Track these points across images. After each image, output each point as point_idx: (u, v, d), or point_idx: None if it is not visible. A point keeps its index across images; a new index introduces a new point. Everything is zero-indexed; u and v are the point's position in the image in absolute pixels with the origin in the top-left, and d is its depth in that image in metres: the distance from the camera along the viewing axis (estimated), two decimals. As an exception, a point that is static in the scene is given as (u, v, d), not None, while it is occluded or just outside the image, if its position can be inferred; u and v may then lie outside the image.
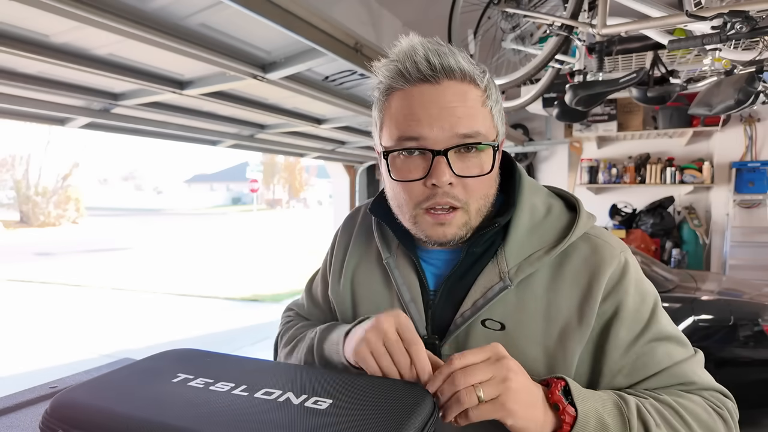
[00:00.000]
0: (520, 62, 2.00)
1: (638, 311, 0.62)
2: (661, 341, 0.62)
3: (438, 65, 0.58)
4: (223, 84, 2.12)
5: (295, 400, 0.46)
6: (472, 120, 0.59)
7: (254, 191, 19.92)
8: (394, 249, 0.72)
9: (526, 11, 1.75)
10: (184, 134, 3.17)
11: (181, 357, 0.60)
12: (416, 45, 0.59)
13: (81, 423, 0.45)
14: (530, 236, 0.65)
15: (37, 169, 25.37)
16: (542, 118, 4.83)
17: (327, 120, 3.24)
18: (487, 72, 0.63)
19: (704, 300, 2.56)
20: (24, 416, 0.66)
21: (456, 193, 0.60)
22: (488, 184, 0.63)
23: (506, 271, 0.63)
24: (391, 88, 0.62)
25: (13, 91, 2.11)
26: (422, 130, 0.58)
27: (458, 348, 0.64)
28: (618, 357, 0.61)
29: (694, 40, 1.30)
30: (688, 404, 0.58)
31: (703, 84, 1.92)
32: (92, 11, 1.29)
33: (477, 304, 0.63)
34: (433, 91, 0.59)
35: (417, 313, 0.67)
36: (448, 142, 0.58)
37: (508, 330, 0.62)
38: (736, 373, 2.39)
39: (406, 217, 0.65)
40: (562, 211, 0.68)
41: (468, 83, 0.60)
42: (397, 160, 0.62)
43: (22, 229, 21.62)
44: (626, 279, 0.62)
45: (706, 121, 4.08)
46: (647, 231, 4.39)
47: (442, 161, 0.58)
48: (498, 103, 0.64)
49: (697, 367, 0.63)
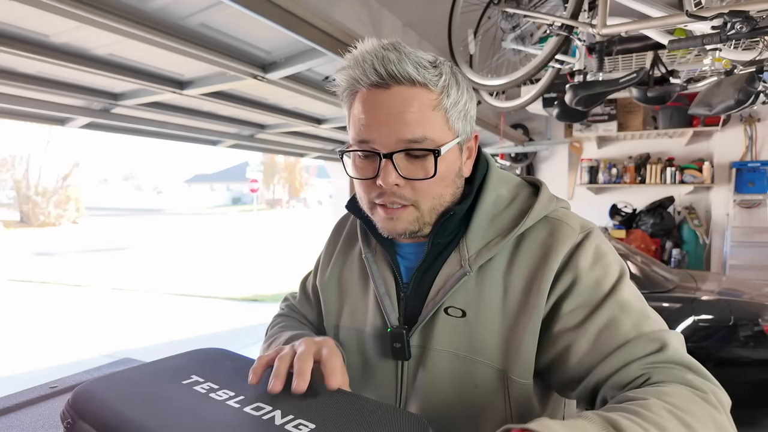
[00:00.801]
0: (520, 62, 2.00)
1: (597, 284, 0.60)
2: (625, 314, 0.58)
3: (384, 73, 0.60)
4: (223, 84, 2.12)
5: (279, 419, 0.46)
6: (418, 126, 0.60)
7: (254, 191, 19.92)
8: (373, 245, 0.75)
9: (526, 11, 1.75)
10: (184, 134, 3.17)
11: (206, 358, 0.63)
12: (365, 53, 0.61)
13: (88, 416, 0.48)
14: (491, 224, 0.67)
15: (37, 169, 25.38)
16: (542, 118, 4.83)
17: (327, 120, 3.24)
18: (447, 73, 0.63)
19: (704, 300, 2.56)
20: (24, 416, 0.66)
21: (404, 193, 0.63)
22: (440, 185, 0.64)
23: (467, 258, 0.65)
24: (353, 91, 0.64)
25: (13, 91, 2.11)
26: (371, 134, 0.61)
27: (425, 336, 0.66)
28: (575, 332, 0.58)
29: (694, 40, 1.30)
30: (680, 402, 0.49)
31: (703, 84, 1.92)
32: (92, 11, 1.29)
33: (440, 292, 0.65)
34: (383, 97, 0.61)
35: (390, 305, 0.70)
36: (394, 146, 0.61)
37: (468, 317, 0.64)
38: (736, 373, 2.39)
39: (364, 209, 0.69)
40: (525, 198, 0.69)
41: (419, 87, 0.61)
42: (356, 160, 0.65)
43: (22, 229, 21.62)
44: (581, 254, 0.61)
45: (706, 121, 4.08)
46: (647, 231, 4.39)
47: (389, 164, 0.61)
48: (459, 102, 0.64)
49: (672, 338, 0.57)
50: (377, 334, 0.71)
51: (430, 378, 0.66)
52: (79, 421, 0.48)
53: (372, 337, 0.71)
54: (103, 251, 13.35)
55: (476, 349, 0.63)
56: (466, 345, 0.64)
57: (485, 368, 0.63)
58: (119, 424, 0.45)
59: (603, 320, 0.58)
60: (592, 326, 0.59)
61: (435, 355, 0.65)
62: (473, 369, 0.63)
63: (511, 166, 5.32)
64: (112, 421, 0.46)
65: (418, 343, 0.67)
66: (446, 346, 0.65)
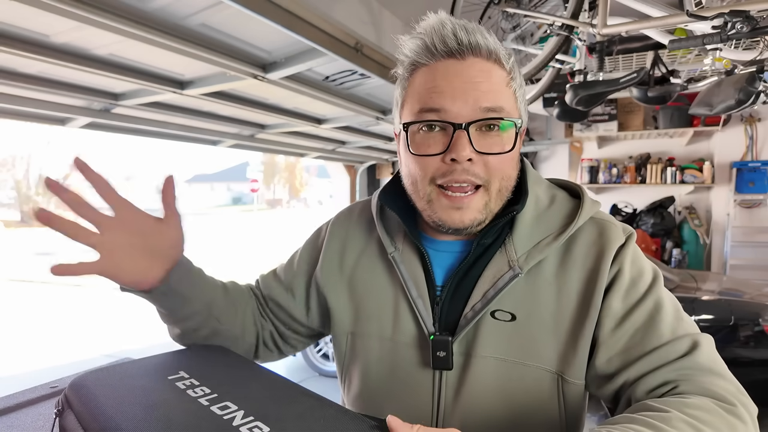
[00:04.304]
0: (520, 62, 2.00)
1: (634, 284, 0.59)
2: (660, 315, 0.57)
3: (465, 41, 0.57)
4: (223, 84, 2.12)
5: (238, 420, 0.46)
6: (496, 95, 0.57)
7: (255, 191, 19.95)
8: (400, 242, 0.68)
9: (527, 11, 1.74)
10: (184, 134, 3.17)
11: (203, 355, 0.64)
12: (444, 20, 0.59)
13: (74, 406, 0.51)
14: (537, 224, 0.63)
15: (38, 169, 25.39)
16: (543, 117, 4.83)
17: (327, 120, 3.24)
18: (512, 55, 0.61)
19: (705, 300, 2.56)
20: (24, 416, 0.66)
21: (476, 170, 0.58)
22: (510, 165, 0.61)
23: (515, 259, 0.61)
24: (416, 63, 0.61)
25: (14, 91, 2.11)
26: (444, 103, 0.57)
27: (468, 343, 0.62)
28: (611, 330, 0.58)
29: (694, 40, 1.30)
30: (703, 416, 0.48)
31: (704, 84, 1.92)
32: (92, 11, 1.30)
33: (487, 295, 0.60)
34: (459, 66, 0.58)
35: (424, 309, 0.64)
36: (471, 116, 0.56)
37: (519, 320, 0.60)
38: (737, 373, 2.36)
39: (419, 195, 0.62)
40: (566, 199, 0.67)
41: (493, 62, 0.59)
42: (417, 135, 0.60)
43: (22, 229, 21.62)
44: (626, 254, 0.60)
45: (707, 121, 4.08)
46: (648, 231, 4.38)
47: (463, 136, 0.56)
48: (522, 87, 0.62)
49: (704, 342, 0.57)
50: (411, 342, 0.65)
51: (475, 386, 0.61)
52: (67, 410, 0.52)
53: (404, 346, 0.65)
54: (104, 251, 13.34)
55: (528, 353, 0.60)
56: (516, 350, 0.60)
57: (538, 372, 0.60)
58: (96, 414, 0.48)
59: (639, 320, 0.57)
60: (629, 325, 0.57)
61: (480, 363, 0.61)
62: (524, 374, 0.60)
63: (512, 166, 5.32)
64: (92, 411, 0.49)
65: (460, 350, 0.62)
66: (493, 353, 0.61)
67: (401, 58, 0.63)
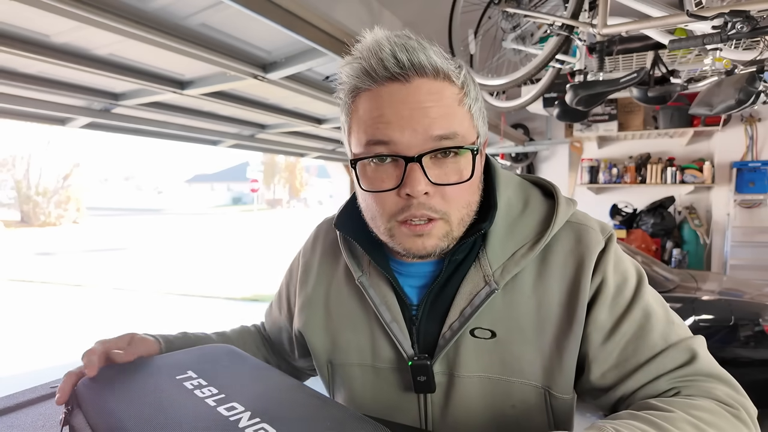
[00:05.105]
0: (520, 62, 2.00)
1: (620, 291, 0.57)
2: (651, 322, 0.55)
3: (407, 62, 0.51)
4: (223, 84, 2.12)
5: (244, 422, 0.46)
6: (448, 120, 0.52)
7: (255, 191, 19.94)
8: (366, 266, 0.65)
9: (527, 11, 1.74)
10: (184, 134, 3.18)
11: (212, 355, 0.64)
12: (381, 40, 0.53)
13: (82, 404, 0.52)
14: (510, 233, 0.60)
15: (38, 169, 25.37)
16: (543, 117, 4.83)
17: (327, 120, 3.24)
18: (464, 66, 0.57)
19: (705, 300, 2.56)
20: (24, 416, 0.66)
21: (433, 204, 0.53)
22: (470, 192, 0.57)
23: (491, 274, 0.58)
24: (357, 88, 0.55)
25: (14, 91, 2.11)
26: (393, 134, 0.52)
27: (450, 363, 0.59)
28: (600, 343, 0.56)
29: (694, 40, 1.30)
30: (708, 417, 0.48)
31: (704, 84, 1.92)
32: (92, 11, 1.29)
33: (464, 313, 0.58)
34: (404, 91, 0.52)
35: (400, 333, 0.61)
36: (422, 146, 0.52)
37: (499, 337, 0.58)
38: (737, 374, 2.36)
39: (380, 230, 0.58)
40: (540, 201, 0.63)
41: (442, 80, 0.53)
42: (368, 169, 0.55)
43: (22, 229, 21.64)
44: (607, 260, 0.58)
45: (707, 121, 4.08)
46: (648, 231, 4.38)
47: (416, 168, 0.51)
48: (478, 100, 0.58)
49: (700, 346, 0.55)
50: (391, 367, 0.63)
51: (461, 406, 0.59)
52: (75, 408, 0.53)
53: (385, 371, 0.63)
54: (104, 251, 13.34)
55: (511, 369, 0.58)
56: (498, 367, 0.58)
57: (524, 388, 0.58)
58: (104, 413, 0.49)
59: (629, 331, 0.55)
60: (619, 337, 0.56)
61: (464, 382, 0.59)
62: (510, 390, 0.59)
63: (512, 166, 5.32)
64: (100, 410, 0.50)
65: (442, 370, 0.60)
66: (476, 371, 0.59)
67: (341, 82, 0.58)
